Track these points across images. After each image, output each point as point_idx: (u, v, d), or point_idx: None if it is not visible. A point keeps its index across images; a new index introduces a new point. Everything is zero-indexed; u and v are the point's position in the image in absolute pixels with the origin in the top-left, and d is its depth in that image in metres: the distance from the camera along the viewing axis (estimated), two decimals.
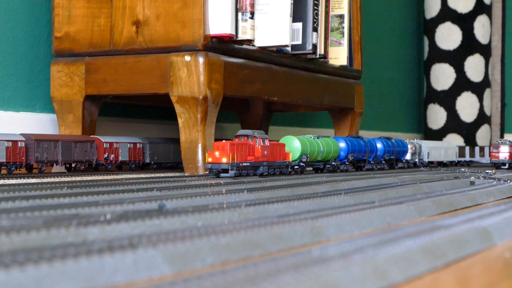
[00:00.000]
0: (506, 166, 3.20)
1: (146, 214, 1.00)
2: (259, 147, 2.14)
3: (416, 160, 3.20)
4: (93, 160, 2.28)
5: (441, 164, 3.44)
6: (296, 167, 2.36)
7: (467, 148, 3.77)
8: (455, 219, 1.10)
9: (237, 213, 1.13)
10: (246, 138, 2.14)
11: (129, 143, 2.44)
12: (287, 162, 2.29)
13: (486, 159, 3.80)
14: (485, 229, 1.02)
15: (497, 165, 3.21)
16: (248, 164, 2.10)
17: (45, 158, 2.10)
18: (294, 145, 2.37)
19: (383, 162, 2.96)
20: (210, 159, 2.02)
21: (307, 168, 2.66)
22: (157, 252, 0.75)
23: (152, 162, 2.55)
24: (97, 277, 0.68)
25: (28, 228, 0.82)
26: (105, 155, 2.32)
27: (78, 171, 2.25)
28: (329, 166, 2.59)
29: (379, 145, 2.90)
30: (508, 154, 3.19)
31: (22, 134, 2.06)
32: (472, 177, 2.34)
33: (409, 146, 3.16)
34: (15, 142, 1.99)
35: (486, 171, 2.71)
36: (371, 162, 2.87)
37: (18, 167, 2.01)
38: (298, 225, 0.99)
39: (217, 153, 2.01)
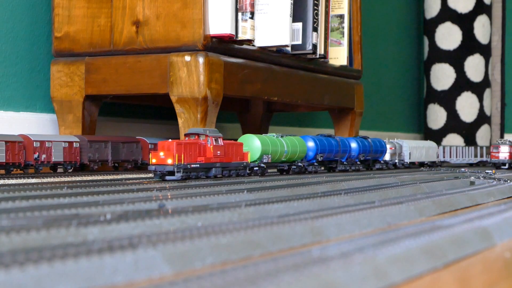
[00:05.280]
0: (506, 166, 3.20)
1: (146, 214, 1.00)
2: (211, 146, 1.96)
3: (396, 160, 3.01)
4: (139, 159, 2.41)
5: (422, 164, 3.27)
6: (256, 168, 2.18)
7: (440, 148, 3.64)
8: (455, 219, 1.10)
9: (237, 213, 1.13)
10: (196, 137, 1.96)
11: None
12: (245, 163, 2.12)
13: (454, 159, 3.68)
14: (485, 229, 1.02)
15: (497, 165, 3.21)
16: (198, 165, 1.91)
17: (96, 158, 2.24)
18: (253, 144, 2.19)
19: (358, 163, 2.77)
20: (154, 160, 1.82)
21: (270, 170, 2.49)
22: (157, 252, 0.75)
23: None
24: (97, 277, 0.68)
25: (28, 228, 0.82)
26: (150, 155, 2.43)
27: (125, 169, 2.38)
28: (294, 167, 2.40)
29: (353, 145, 2.72)
30: (508, 154, 3.19)
31: (76, 136, 2.22)
32: (472, 177, 2.34)
33: (388, 146, 2.98)
34: (70, 143, 2.16)
35: (486, 171, 2.71)
36: (344, 163, 2.69)
37: (74, 166, 2.18)
38: (298, 225, 0.99)
39: (161, 153, 1.81)
